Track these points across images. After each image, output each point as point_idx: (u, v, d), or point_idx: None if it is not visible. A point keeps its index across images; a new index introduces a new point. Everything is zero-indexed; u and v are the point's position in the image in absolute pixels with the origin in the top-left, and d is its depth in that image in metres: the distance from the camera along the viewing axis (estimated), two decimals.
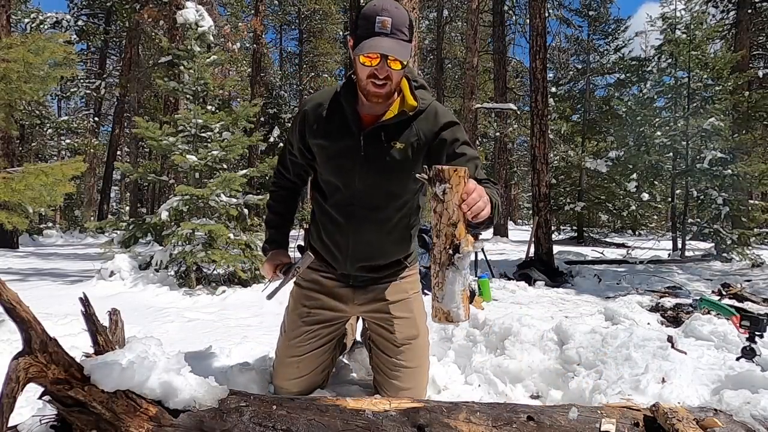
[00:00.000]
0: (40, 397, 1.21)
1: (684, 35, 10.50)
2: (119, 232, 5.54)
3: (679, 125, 10.68)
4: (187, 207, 5.17)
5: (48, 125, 17.59)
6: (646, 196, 12.55)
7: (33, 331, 1.16)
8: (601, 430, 1.32)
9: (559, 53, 18.12)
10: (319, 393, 1.93)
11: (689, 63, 10.40)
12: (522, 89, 21.23)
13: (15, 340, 2.19)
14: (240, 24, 14.86)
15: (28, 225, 3.71)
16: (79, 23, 18.99)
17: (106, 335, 1.27)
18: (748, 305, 4.43)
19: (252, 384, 1.96)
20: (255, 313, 3.98)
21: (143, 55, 18.93)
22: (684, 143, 10.44)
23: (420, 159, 1.72)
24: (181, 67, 5.77)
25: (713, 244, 9.60)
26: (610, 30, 17.00)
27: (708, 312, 3.43)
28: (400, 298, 1.91)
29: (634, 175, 12.32)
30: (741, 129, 12.33)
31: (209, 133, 5.63)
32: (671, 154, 10.95)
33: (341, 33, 22.96)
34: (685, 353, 2.22)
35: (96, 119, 21.86)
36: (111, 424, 1.18)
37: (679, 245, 10.04)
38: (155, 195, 20.95)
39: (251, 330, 3.36)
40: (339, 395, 1.87)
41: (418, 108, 1.71)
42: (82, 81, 20.23)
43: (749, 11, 14.58)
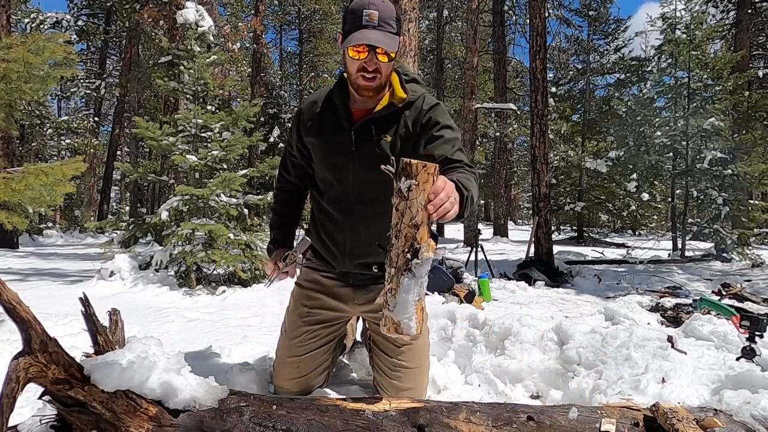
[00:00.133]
0: (40, 397, 1.21)
1: (684, 35, 10.50)
2: (119, 232, 5.54)
3: (679, 125, 10.68)
4: (187, 207, 5.17)
5: (48, 125, 17.59)
6: (646, 196, 12.55)
7: (33, 331, 1.16)
8: (601, 430, 1.32)
9: (559, 53, 18.10)
10: (319, 393, 1.93)
11: (689, 63, 10.40)
12: (522, 89, 21.21)
13: (15, 340, 2.19)
14: (240, 24, 14.85)
15: (28, 225, 3.71)
16: (79, 23, 18.98)
17: (106, 335, 1.27)
18: (748, 305, 4.43)
19: (252, 384, 1.96)
20: (255, 313, 3.98)
21: (143, 55, 18.94)
22: (684, 143, 10.44)
23: (410, 149, 1.71)
24: (181, 67, 5.77)
25: (713, 244, 9.60)
26: (610, 30, 16.99)
27: (708, 312, 3.43)
28: None
29: (634, 175, 12.32)
30: (741, 129, 12.34)
31: (209, 133, 5.63)
32: (671, 154, 10.95)
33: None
34: (685, 353, 2.22)
35: (96, 119, 21.85)
36: (111, 424, 1.18)
37: (679, 245, 10.04)
38: (155, 195, 20.95)
39: (251, 330, 3.36)
40: (339, 395, 1.87)
41: (407, 100, 1.72)
42: (82, 81, 20.23)
43: (749, 11, 14.58)
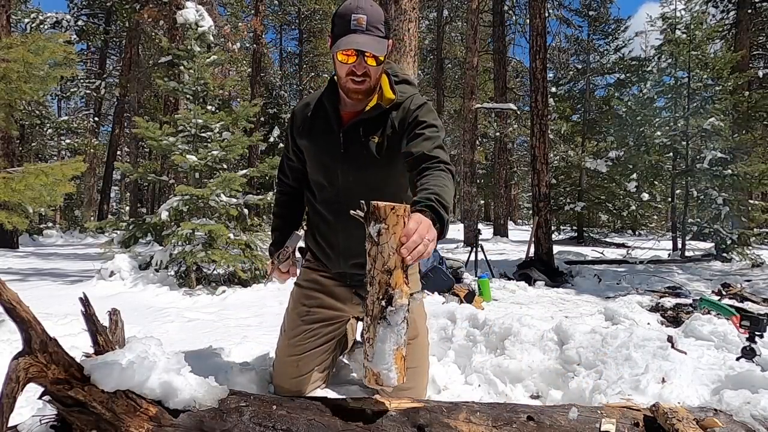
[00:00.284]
0: (40, 397, 1.21)
1: (684, 35, 10.50)
2: (119, 232, 5.53)
3: (679, 125, 10.68)
4: (187, 207, 5.17)
5: (48, 125, 17.59)
6: (646, 196, 12.56)
7: (33, 331, 1.16)
8: (601, 430, 1.32)
9: (559, 53, 18.10)
10: (319, 393, 1.93)
11: (689, 63, 10.39)
12: (522, 89, 21.21)
13: (15, 340, 2.19)
14: (240, 24, 14.86)
15: (28, 225, 3.71)
16: (79, 23, 18.98)
17: (106, 335, 1.27)
18: (748, 305, 4.43)
19: (252, 384, 1.96)
20: (255, 313, 3.98)
21: (143, 55, 18.94)
22: (684, 143, 10.44)
23: (397, 150, 1.71)
24: (181, 67, 5.77)
25: (713, 244, 9.59)
26: (610, 30, 16.98)
27: (708, 312, 3.43)
28: None
29: (634, 175, 12.33)
30: (741, 129, 12.33)
31: (209, 133, 5.62)
32: (671, 154, 10.95)
33: None
34: (685, 353, 2.21)
35: (96, 119, 21.85)
36: (111, 424, 1.18)
37: (679, 245, 10.04)
38: (155, 195, 20.97)
39: (251, 330, 3.35)
40: (339, 395, 1.87)
41: (395, 101, 1.72)
42: (82, 81, 20.23)
43: (749, 11, 14.59)
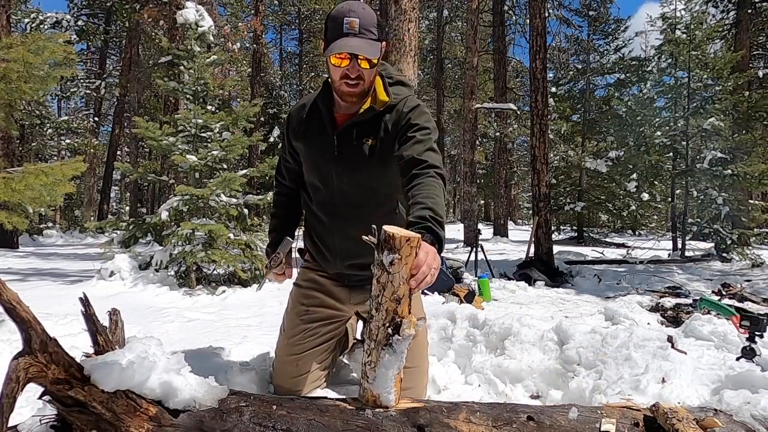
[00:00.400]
0: (40, 397, 1.21)
1: (684, 35, 10.50)
2: (119, 232, 5.53)
3: (679, 125, 10.68)
4: (187, 207, 5.17)
5: (48, 125, 17.59)
6: (646, 196, 12.56)
7: (33, 331, 1.16)
8: (601, 430, 1.31)
9: (559, 53, 18.10)
10: (319, 393, 1.93)
11: (689, 63, 10.39)
12: (522, 89, 21.21)
13: (15, 340, 2.19)
14: (240, 24, 14.87)
15: (28, 225, 3.71)
16: (79, 23, 18.97)
17: (106, 335, 1.27)
18: (748, 305, 4.43)
19: (252, 384, 1.96)
20: (255, 313, 3.97)
21: (143, 55, 18.94)
22: (684, 143, 10.44)
23: (391, 152, 1.71)
24: (181, 67, 5.76)
25: (713, 244, 9.60)
26: (610, 30, 16.99)
27: (708, 312, 3.43)
28: None
29: (634, 175, 12.33)
30: (741, 129, 12.33)
31: (209, 133, 5.62)
32: (671, 154, 10.96)
33: None
34: (685, 353, 2.21)
35: (96, 119, 21.85)
36: (111, 424, 1.18)
37: (679, 245, 10.04)
38: (155, 195, 20.97)
39: (251, 330, 3.35)
40: (339, 395, 1.87)
41: (389, 103, 1.72)
42: (82, 81, 20.23)
43: (749, 11, 14.57)
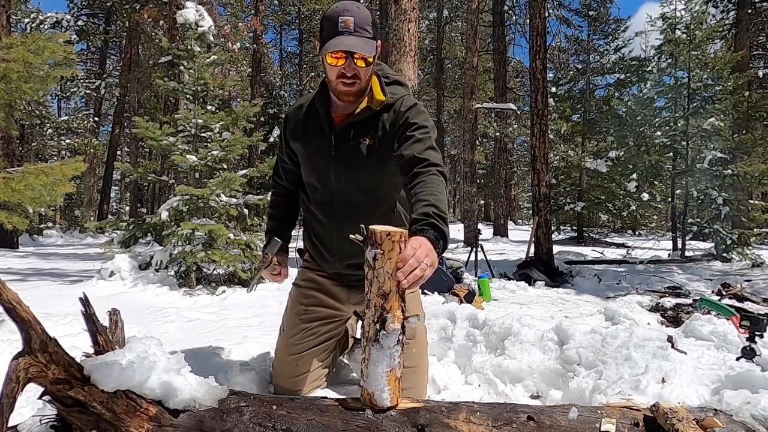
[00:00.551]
0: (40, 397, 1.21)
1: (684, 35, 10.50)
2: (119, 232, 5.53)
3: (679, 125, 10.68)
4: (187, 207, 5.16)
5: (48, 125, 17.59)
6: (646, 196, 12.56)
7: (33, 331, 1.16)
8: (601, 430, 1.31)
9: (559, 53, 18.10)
10: (319, 393, 1.93)
11: (689, 63, 10.39)
12: (522, 89, 21.22)
13: (15, 340, 2.19)
14: (240, 24, 14.87)
15: (28, 225, 3.70)
16: (79, 23, 18.98)
17: (106, 335, 1.27)
18: (748, 305, 4.43)
19: (252, 384, 1.96)
20: (255, 313, 3.97)
21: (143, 55, 18.94)
22: (684, 143, 10.44)
23: (389, 151, 1.72)
24: (181, 67, 5.76)
25: (713, 244, 9.60)
26: (610, 30, 16.99)
27: (708, 312, 3.43)
28: None
29: (634, 175, 12.33)
30: (741, 129, 12.33)
31: (209, 133, 5.62)
32: (671, 154, 10.96)
33: None
34: (685, 353, 2.21)
35: (96, 119, 21.86)
36: (111, 424, 1.18)
37: (679, 245, 10.04)
38: (155, 195, 20.96)
39: (251, 330, 3.35)
40: (339, 395, 1.87)
41: (385, 102, 1.72)
42: (82, 81, 20.24)
43: (749, 11, 14.58)
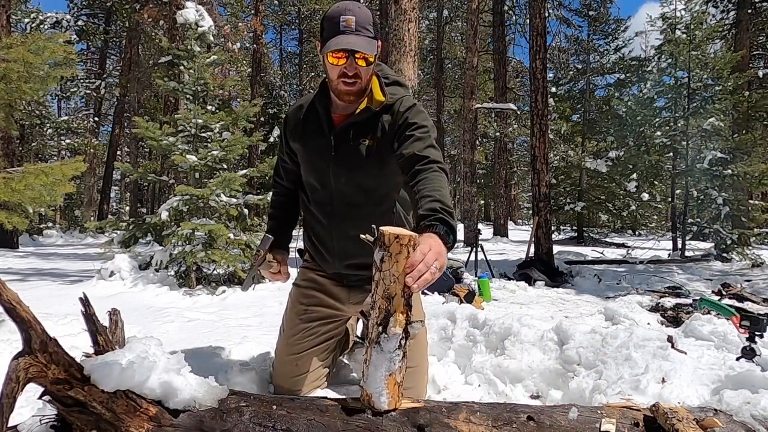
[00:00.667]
0: (40, 397, 1.21)
1: (684, 35, 10.50)
2: (119, 232, 5.53)
3: (679, 125, 10.67)
4: (187, 207, 5.16)
5: (48, 125, 17.60)
6: (646, 196, 12.56)
7: (33, 331, 1.16)
8: (601, 430, 1.31)
9: (559, 53, 18.11)
10: (319, 393, 1.93)
11: (689, 63, 10.39)
12: (522, 89, 21.23)
13: (15, 340, 2.19)
14: (240, 24, 14.87)
15: (28, 225, 3.70)
16: (79, 23, 18.97)
17: (106, 335, 1.27)
18: (748, 305, 4.43)
19: (252, 384, 1.96)
20: (255, 313, 3.98)
21: (143, 55, 18.94)
22: (684, 143, 10.44)
23: (389, 152, 1.71)
24: (181, 67, 5.76)
25: (713, 244, 9.60)
26: (610, 30, 17.00)
27: (708, 312, 3.43)
28: None
29: (634, 175, 12.33)
30: (741, 129, 12.33)
31: (209, 133, 5.62)
32: (671, 154, 10.96)
33: None
34: (685, 353, 2.21)
35: (96, 119, 21.86)
36: (111, 424, 1.18)
37: (679, 245, 10.04)
38: (155, 195, 20.96)
39: (251, 330, 3.35)
40: (339, 395, 1.87)
41: (385, 103, 1.72)
42: (82, 81, 20.23)
43: (749, 11, 14.57)
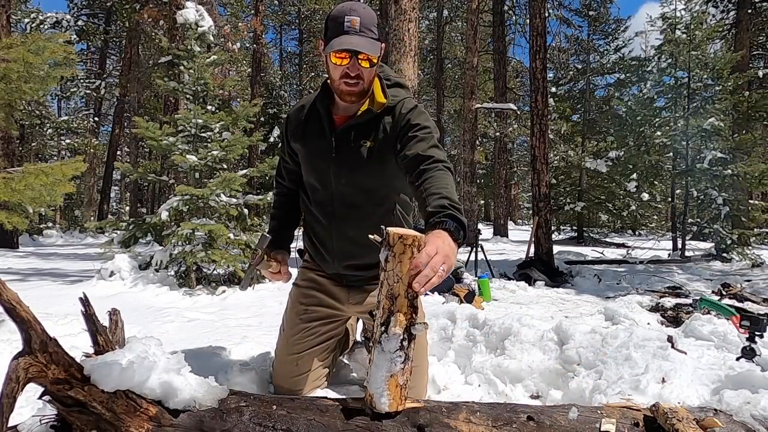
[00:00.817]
0: (40, 397, 1.21)
1: (684, 35, 10.51)
2: (119, 232, 5.53)
3: (679, 125, 10.68)
4: (187, 207, 5.16)
5: (48, 125, 17.60)
6: (646, 196, 12.57)
7: (33, 331, 1.16)
8: (601, 430, 1.31)
9: (559, 53, 18.11)
10: (319, 393, 1.93)
11: (689, 63, 10.40)
12: (522, 89, 21.24)
13: (15, 340, 2.19)
14: (240, 24, 14.85)
15: (28, 225, 3.70)
16: (79, 23, 18.98)
17: (106, 335, 1.27)
18: (748, 305, 4.43)
19: (252, 384, 1.96)
20: (255, 313, 3.98)
21: (143, 55, 18.94)
22: (684, 143, 10.44)
23: (390, 154, 1.71)
24: (181, 67, 5.76)
25: (713, 244, 9.60)
26: (610, 30, 17.02)
27: (708, 312, 3.43)
28: None
29: (634, 175, 12.34)
30: (741, 129, 12.33)
31: (209, 133, 5.62)
32: (671, 154, 10.97)
33: None
34: (685, 353, 2.21)
35: (96, 119, 21.86)
36: (111, 424, 1.18)
37: (679, 245, 10.04)
38: (155, 195, 20.97)
39: (251, 330, 3.36)
40: (339, 395, 1.87)
41: (387, 105, 1.72)
42: (82, 81, 20.23)
43: (749, 11, 14.56)
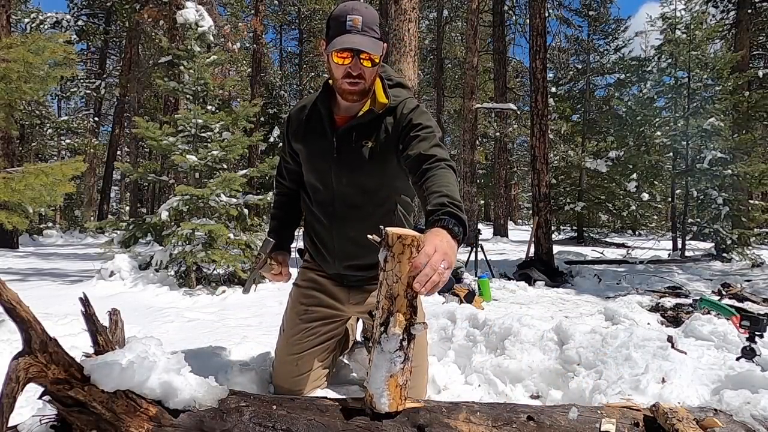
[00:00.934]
0: (40, 397, 1.21)
1: (684, 35, 10.51)
2: (119, 232, 5.53)
3: (679, 125, 10.68)
4: (187, 207, 5.16)
5: (48, 125, 17.61)
6: (646, 196, 12.58)
7: (33, 331, 1.16)
8: (601, 430, 1.31)
9: (559, 53, 18.12)
10: (319, 393, 1.93)
11: (689, 63, 10.40)
12: (522, 89, 21.23)
13: (15, 340, 2.19)
14: (240, 24, 14.85)
15: (28, 225, 3.70)
16: (79, 23, 18.98)
17: (106, 335, 1.27)
18: (748, 305, 4.43)
19: (252, 384, 1.96)
20: (255, 313, 3.98)
21: (143, 55, 18.94)
22: (684, 143, 10.44)
23: (391, 154, 1.71)
24: (181, 67, 5.76)
25: (713, 244, 9.60)
26: (610, 30, 17.02)
27: (708, 312, 3.43)
28: None
29: (634, 175, 12.34)
30: (741, 129, 12.32)
31: (209, 133, 5.62)
32: (671, 154, 10.97)
33: None
34: (685, 353, 2.21)
35: (96, 119, 21.86)
36: (111, 424, 1.18)
37: (679, 245, 10.05)
38: (155, 195, 20.98)
39: (251, 330, 3.36)
40: (339, 395, 1.87)
41: (388, 105, 1.72)
42: (82, 81, 20.23)
43: (749, 11, 14.55)
